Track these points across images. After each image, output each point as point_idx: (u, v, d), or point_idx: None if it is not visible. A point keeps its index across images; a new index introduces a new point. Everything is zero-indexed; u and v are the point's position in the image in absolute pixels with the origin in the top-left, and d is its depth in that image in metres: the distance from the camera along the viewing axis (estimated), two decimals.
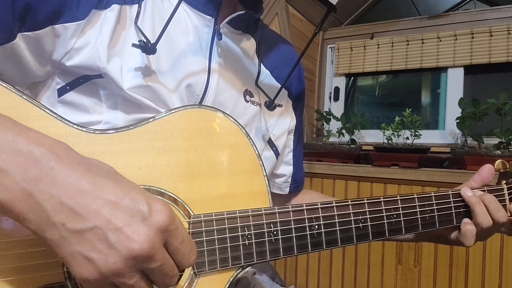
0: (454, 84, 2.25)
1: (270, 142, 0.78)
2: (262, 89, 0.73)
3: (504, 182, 0.71)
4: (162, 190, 0.49)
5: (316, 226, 0.55)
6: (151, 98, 0.58)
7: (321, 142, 2.43)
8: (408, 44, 2.34)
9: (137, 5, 0.59)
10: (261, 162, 0.56)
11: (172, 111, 0.51)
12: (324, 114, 2.34)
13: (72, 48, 0.54)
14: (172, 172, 0.50)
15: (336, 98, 2.61)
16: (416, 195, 0.62)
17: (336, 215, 0.56)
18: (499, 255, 1.69)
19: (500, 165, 0.71)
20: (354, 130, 2.25)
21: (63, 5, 0.52)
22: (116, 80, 0.55)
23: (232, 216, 0.51)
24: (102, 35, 0.55)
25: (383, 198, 0.59)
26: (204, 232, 0.49)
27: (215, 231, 0.50)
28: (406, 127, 2.03)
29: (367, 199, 0.58)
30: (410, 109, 2.03)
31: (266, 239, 0.52)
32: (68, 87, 0.56)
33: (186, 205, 0.50)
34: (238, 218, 0.51)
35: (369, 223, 0.58)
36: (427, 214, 0.62)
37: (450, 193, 0.65)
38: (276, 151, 0.79)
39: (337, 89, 2.61)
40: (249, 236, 0.51)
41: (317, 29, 0.66)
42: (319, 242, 0.55)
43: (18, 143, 0.35)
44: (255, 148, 0.56)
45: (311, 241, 0.55)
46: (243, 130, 0.55)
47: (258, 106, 0.74)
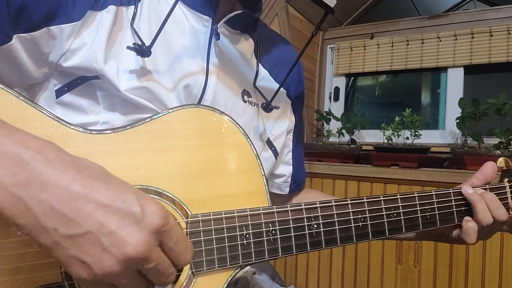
0: (454, 84, 2.25)
1: (269, 142, 0.78)
2: (260, 91, 0.73)
3: (506, 180, 0.70)
4: (160, 190, 0.49)
5: (315, 226, 0.55)
6: (149, 99, 0.58)
7: (321, 142, 2.43)
8: (408, 44, 2.34)
9: (134, 6, 0.59)
10: (259, 162, 0.56)
11: (170, 111, 0.51)
12: (324, 114, 2.34)
13: (69, 49, 0.54)
14: (170, 172, 0.50)
15: (336, 98, 2.61)
16: (417, 194, 0.61)
17: (335, 214, 0.56)
18: (499, 255, 1.69)
19: (503, 163, 0.71)
20: (354, 130, 2.25)
21: (58, 6, 0.52)
22: (113, 82, 0.55)
23: (230, 216, 0.51)
24: (99, 37, 0.55)
25: (383, 197, 0.59)
26: (202, 232, 0.49)
27: (213, 231, 0.50)
28: (406, 127, 2.03)
29: (367, 198, 0.58)
30: (410, 109, 2.02)
31: (265, 239, 0.52)
32: (66, 88, 0.56)
33: (184, 205, 0.50)
34: (236, 218, 0.51)
35: (369, 222, 0.57)
36: (428, 213, 0.62)
37: (451, 192, 0.65)
38: (275, 151, 0.79)
39: (337, 89, 2.61)
40: (247, 236, 0.51)
41: (315, 31, 0.66)
42: (318, 242, 0.55)
43: (6, 146, 0.34)
44: (253, 148, 0.56)
45: (310, 241, 0.54)
46: (241, 130, 0.55)
47: (256, 107, 0.74)
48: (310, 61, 2.56)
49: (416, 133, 2.00)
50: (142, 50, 0.55)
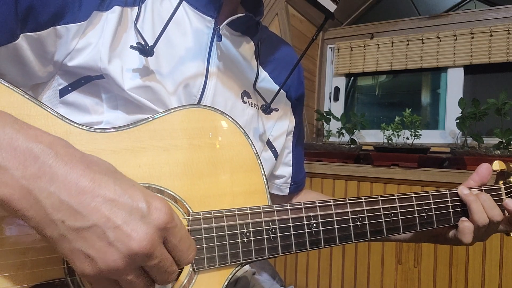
0: (454, 84, 2.25)
1: (269, 143, 0.78)
2: (260, 93, 0.74)
3: (502, 182, 0.71)
4: (162, 188, 0.49)
5: (314, 225, 0.55)
6: (151, 99, 0.59)
7: (321, 142, 2.43)
8: (408, 44, 2.34)
9: (137, 7, 0.60)
10: (259, 161, 0.56)
11: (172, 111, 0.52)
12: (324, 114, 2.34)
13: (74, 49, 0.54)
14: (172, 170, 0.50)
15: (336, 98, 2.61)
16: (414, 194, 0.62)
17: (334, 214, 0.56)
18: (499, 255, 1.69)
19: (498, 165, 0.72)
20: (354, 130, 2.25)
21: (65, 7, 0.53)
22: (117, 81, 0.56)
23: (231, 214, 0.51)
24: (104, 36, 0.56)
25: (381, 197, 0.60)
26: (203, 230, 0.50)
27: (214, 229, 0.50)
28: (406, 127, 2.03)
29: (365, 198, 0.59)
30: (410, 109, 2.03)
31: (265, 237, 0.53)
32: (70, 88, 0.57)
33: (185, 203, 0.50)
34: (237, 216, 0.52)
35: (367, 222, 0.58)
36: (425, 213, 0.63)
37: (448, 193, 0.66)
38: (275, 152, 0.79)
39: (337, 89, 2.62)
40: (248, 234, 0.52)
41: (315, 36, 0.67)
42: (317, 241, 0.55)
43: (18, 140, 0.35)
44: (253, 147, 0.56)
45: (309, 240, 0.55)
46: (242, 130, 0.56)
47: (256, 108, 0.74)
48: (310, 61, 2.56)
49: (416, 133, 2.00)
50: (145, 50, 0.56)
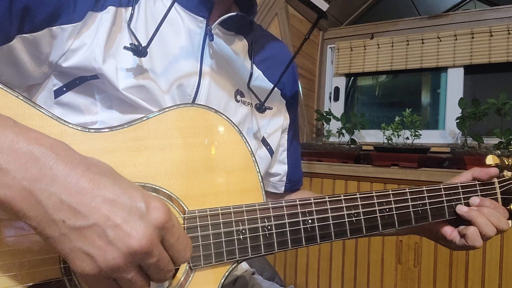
0: (454, 84, 2.25)
1: (264, 141, 0.79)
2: (254, 91, 0.74)
3: (495, 177, 0.71)
4: (157, 187, 0.50)
5: (310, 221, 0.56)
6: (146, 99, 0.59)
7: (321, 142, 2.43)
8: (408, 44, 2.34)
9: (131, 8, 0.60)
10: (254, 159, 0.57)
11: (166, 110, 0.52)
12: (324, 114, 2.34)
13: (69, 49, 0.55)
14: (167, 169, 0.50)
15: (336, 98, 2.61)
16: (408, 189, 0.63)
17: (329, 209, 0.57)
18: (499, 255, 1.69)
19: (491, 160, 0.72)
20: (354, 130, 2.25)
21: (60, 8, 0.53)
22: (112, 80, 0.56)
23: (226, 212, 0.52)
24: (98, 37, 0.56)
25: (375, 193, 0.60)
26: (199, 227, 0.50)
27: (210, 226, 0.51)
28: (406, 127, 2.03)
29: (360, 194, 0.59)
30: (410, 109, 2.02)
31: (261, 234, 0.53)
32: (65, 89, 0.57)
33: (181, 202, 0.51)
34: (233, 214, 0.52)
35: (362, 217, 0.59)
36: (420, 208, 0.63)
37: (442, 187, 0.66)
38: (270, 150, 0.80)
39: (337, 89, 2.62)
40: (244, 231, 0.52)
41: (308, 35, 0.69)
42: (313, 237, 0.56)
43: (18, 143, 0.35)
44: (248, 146, 0.57)
45: (305, 236, 0.55)
46: (236, 128, 0.56)
47: (250, 106, 0.75)
48: (310, 61, 2.56)
49: (416, 133, 2.00)
50: (139, 50, 0.57)
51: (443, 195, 0.66)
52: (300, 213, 0.55)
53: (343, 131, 2.29)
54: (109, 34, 0.57)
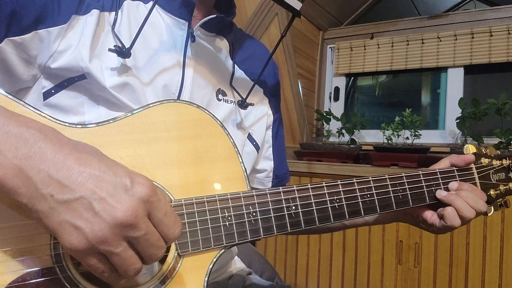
0: (454, 84, 2.25)
1: (250, 137, 0.81)
2: (236, 89, 0.77)
3: (473, 163, 0.73)
4: None
5: (294, 207, 0.57)
6: (130, 99, 0.62)
7: (321, 142, 2.43)
8: (408, 44, 2.34)
9: (114, 13, 0.63)
10: (237, 150, 0.59)
11: (150, 105, 0.54)
12: (324, 114, 2.34)
13: (56, 51, 0.58)
14: (152, 161, 0.52)
15: (336, 98, 2.61)
16: (388, 176, 0.65)
17: (312, 196, 0.59)
18: (499, 255, 1.69)
19: (469, 149, 0.75)
20: (354, 130, 2.25)
21: (45, 11, 0.56)
22: (99, 79, 0.59)
23: (212, 200, 0.53)
24: (84, 38, 0.59)
25: (356, 180, 0.63)
26: (186, 215, 0.51)
27: (196, 213, 0.52)
28: (406, 127, 2.03)
29: (341, 181, 0.62)
30: (410, 109, 2.03)
31: (246, 220, 0.55)
32: (53, 91, 0.60)
33: (167, 191, 0.52)
34: (218, 202, 0.54)
35: (344, 203, 0.61)
36: (400, 193, 0.65)
37: (421, 173, 0.69)
38: (257, 146, 0.82)
39: (337, 89, 2.62)
40: (229, 218, 0.54)
41: (284, 32, 0.73)
42: (297, 222, 0.58)
43: (9, 125, 0.38)
44: (230, 137, 0.59)
45: (290, 221, 0.57)
46: (218, 122, 0.58)
47: (233, 104, 0.78)
48: (310, 61, 2.56)
49: (416, 133, 2.00)
50: (123, 52, 0.60)
51: (422, 181, 0.68)
52: (284, 200, 0.57)
53: (343, 131, 2.29)
54: (94, 35, 0.60)
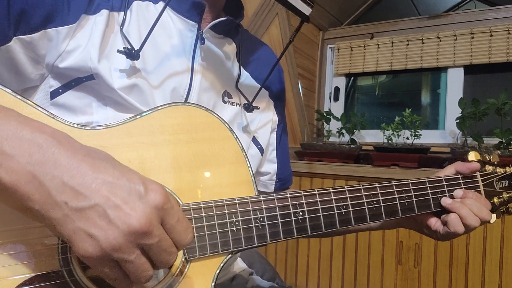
0: (454, 84, 2.25)
1: (254, 140, 0.81)
2: (242, 92, 0.77)
3: (477, 171, 0.73)
4: None
5: (301, 213, 0.58)
6: (138, 100, 0.61)
7: (321, 142, 2.43)
8: (408, 44, 2.34)
9: (123, 13, 0.63)
10: (245, 154, 0.59)
11: (159, 108, 0.54)
12: (324, 114, 2.34)
13: (65, 51, 0.57)
14: (161, 165, 0.52)
15: (336, 98, 2.61)
16: (394, 183, 0.65)
17: (319, 202, 0.59)
18: (499, 255, 1.69)
19: (473, 156, 0.74)
20: (354, 130, 2.25)
21: (55, 11, 0.56)
22: (107, 80, 0.58)
23: (220, 204, 0.53)
24: (93, 38, 0.59)
25: (363, 186, 0.63)
26: (194, 219, 0.51)
27: (204, 218, 0.52)
28: (406, 127, 2.03)
29: (348, 187, 0.62)
30: (410, 109, 2.02)
31: (253, 225, 0.55)
32: (60, 90, 0.59)
33: (175, 195, 0.52)
34: (226, 206, 0.53)
35: (351, 209, 0.61)
36: (406, 200, 0.66)
37: (426, 180, 0.69)
38: (261, 149, 0.82)
39: (337, 89, 2.61)
40: (237, 223, 0.54)
41: (292, 38, 0.72)
42: (304, 228, 0.58)
43: (22, 131, 0.37)
44: (239, 141, 0.59)
45: (296, 227, 0.57)
46: (226, 125, 0.58)
47: (239, 107, 0.77)
48: (310, 61, 2.56)
49: (416, 133, 2.00)
50: (132, 54, 0.59)
51: (428, 188, 0.68)
52: (291, 205, 0.57)
53: (343, 131, 2.29)
54: (103, 36, 0.60)
